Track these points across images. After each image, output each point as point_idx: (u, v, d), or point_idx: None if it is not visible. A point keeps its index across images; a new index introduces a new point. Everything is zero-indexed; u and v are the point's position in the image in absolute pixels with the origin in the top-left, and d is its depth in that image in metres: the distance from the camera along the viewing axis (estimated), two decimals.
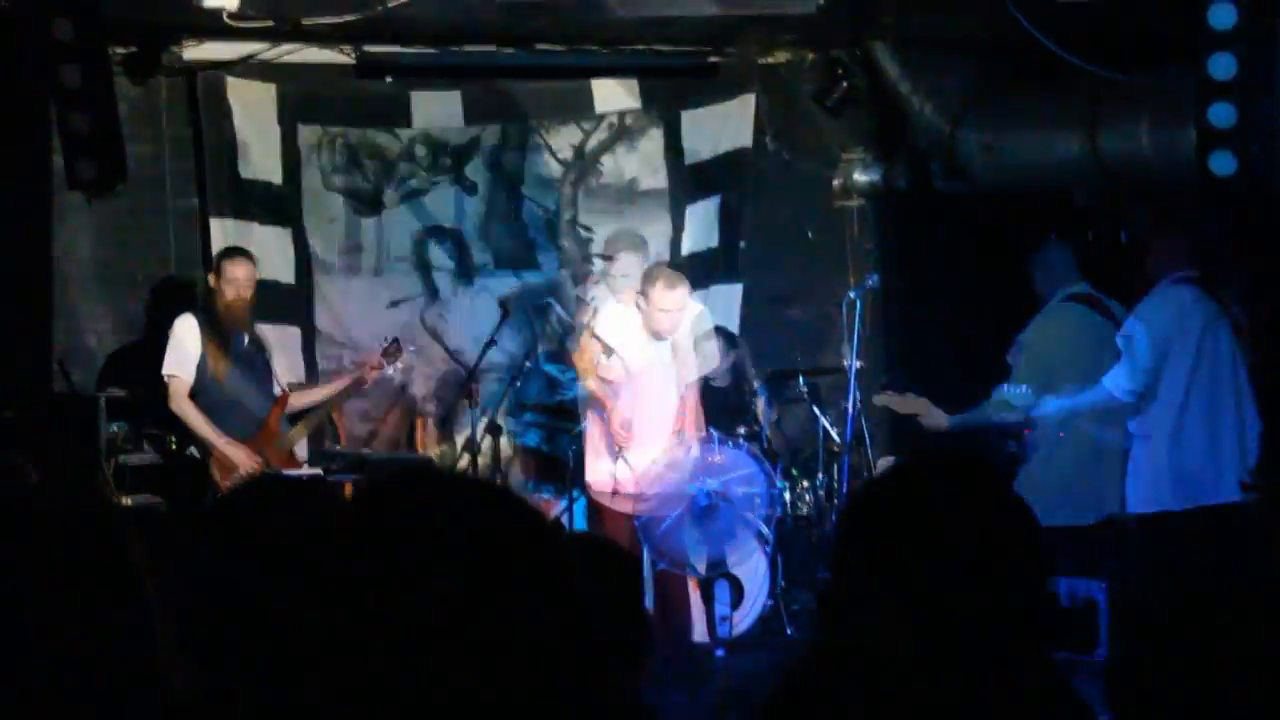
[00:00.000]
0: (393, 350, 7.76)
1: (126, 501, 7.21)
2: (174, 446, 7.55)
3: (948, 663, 1.67)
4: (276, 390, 7.55)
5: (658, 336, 7.10)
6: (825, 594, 1.82)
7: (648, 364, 7.13)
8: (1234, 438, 6.38)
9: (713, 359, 7.49)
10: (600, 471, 7.17)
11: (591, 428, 7.26)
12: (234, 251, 7.62)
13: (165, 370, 7.30)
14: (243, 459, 7.19)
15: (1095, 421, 6.90)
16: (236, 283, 7.33)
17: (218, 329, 7.34)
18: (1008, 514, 1.77)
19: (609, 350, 7.12)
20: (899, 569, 1.71)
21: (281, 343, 8.29)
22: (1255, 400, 6.47)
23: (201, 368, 7.31)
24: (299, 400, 7.68)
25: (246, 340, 7.46)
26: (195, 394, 7.31)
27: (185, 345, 7.30)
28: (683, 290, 7.04)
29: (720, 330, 8.49)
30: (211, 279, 7.47)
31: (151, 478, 7.51)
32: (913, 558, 1.71)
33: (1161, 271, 6.51)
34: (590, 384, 7.25)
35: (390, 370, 7.86)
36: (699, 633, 7.35)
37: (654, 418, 7.13)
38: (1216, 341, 6.43)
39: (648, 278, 7.12)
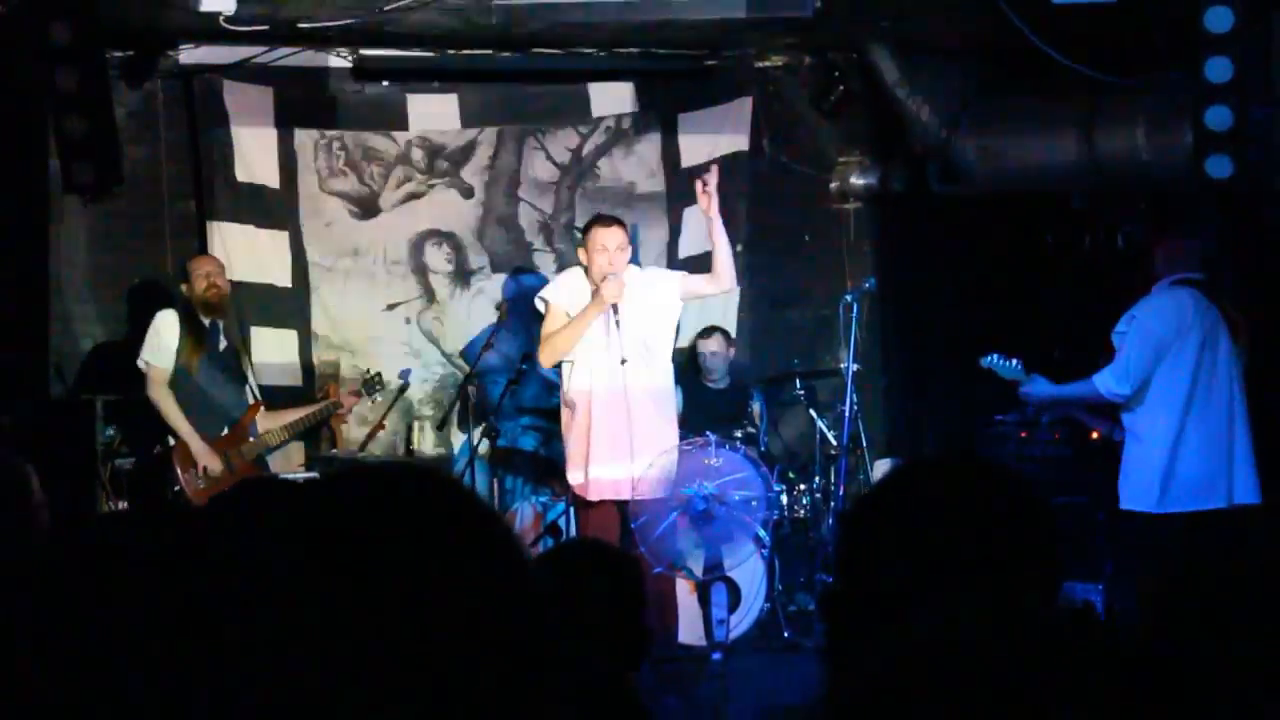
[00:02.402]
0: (369, 386, 7.83)
1: (121, 505, 7.21)
2: (157, 452, 7.57)
3: (953, 664, 1.66)
4: (249, 398, 7.57)
5: (606, 292, 6.87)
6: (825, 595, 1.80)
7: (603, 329, 6.96)
8: (1226, 445, 6.39)
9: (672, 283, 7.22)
10: (574, 476, 7.09)
11: (565, 432, 7.16)
12: (197, 254, 7.85)
13: (142, 358, 7.37)
14: (204, 455, 7.22)
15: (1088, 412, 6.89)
16: (205, 274, 7.45)
17: (195, 323, 7.39)
18: (1019, 515, 1.76)
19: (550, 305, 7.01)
20: (905, 569, 1.71)
21: (279, 346, 8.29)
22: (1247, 405, 6.48)
23: (175, 361, 7.36)
24: (270, 421, 7.67)
25: (224, 344, 7.50)
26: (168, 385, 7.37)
27: (163, 335, 7.40)
28: (619, 228, 6.96)
29: (717, 330, 8.50)
30: (184, 287, 7.52)
31: (136, 482, 7.52)
32: (919, 558, 1.70)
33: (1163, 273, 6.51)
34: (546, 358, 7.13)
35: (369, 403, 7.95)
36: (696, 636, 7.35)
37: (610, 385, 6.97)
38: (1216, 347, 6.43)
39: (585, 226, 7.09)
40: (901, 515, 1.75)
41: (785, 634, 7.74)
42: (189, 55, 8.39)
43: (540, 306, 7.18)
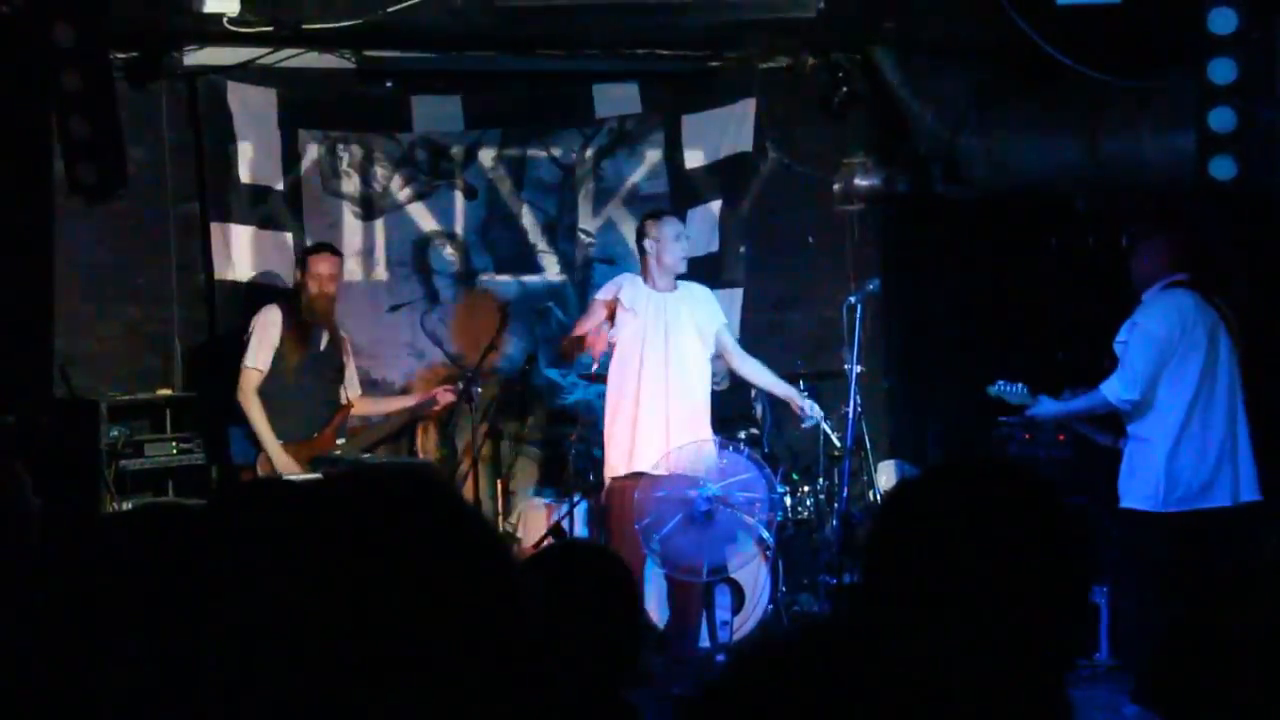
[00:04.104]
0: (464, 389, 7.80)
1: (126, 506, 7.21)
2: (175, 451, 7.56)
3: (968, 668, 1.66)
4: (343, 399, 7.57)
5: (665, 284, 7.19)
6: (837, 591, 1.80)
7: (657, 309, 7.15)
8: (1230, 443, 6.39)
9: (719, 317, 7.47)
10: (615, 461, 7.14)
11: (608, 418, 7.23)
12: (320, 247, 7.80)
13: (245, 361, 7.36)
14: (289, 466, 7.21)
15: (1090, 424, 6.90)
16: (320, 278, 7.47)
17: (300, 323, 7.39)
18: (1051, 522, 1.76)
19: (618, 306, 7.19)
20: (934, 572, 1.70)
21: None
22: (1245, 403, 6.49)
23: (275, 359, 7.37)
24: (369, 407, 7.71)
25: (325, 341, 7.52)
26: (262, 385, 7.36)
27: (266, 336, 7.37)
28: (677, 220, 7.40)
29: None
30: (297, 274, 7.56)
31: (152, 483, 7.53)
32: (948, 561, 1.70)
33: (1154, 277, 6.50)
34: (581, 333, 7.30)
35: (460, 399, 7.91)
36: (700, 638, 7.35)
37: (668, 366, 7.11)
38: (1217, 347, 6.43)
39: (643, 229, 7.31)
40: (932, 516, 1.75)
41: None
42: (193, 57, 8.40)
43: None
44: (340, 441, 7.51)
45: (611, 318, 7.20)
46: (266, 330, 7.40)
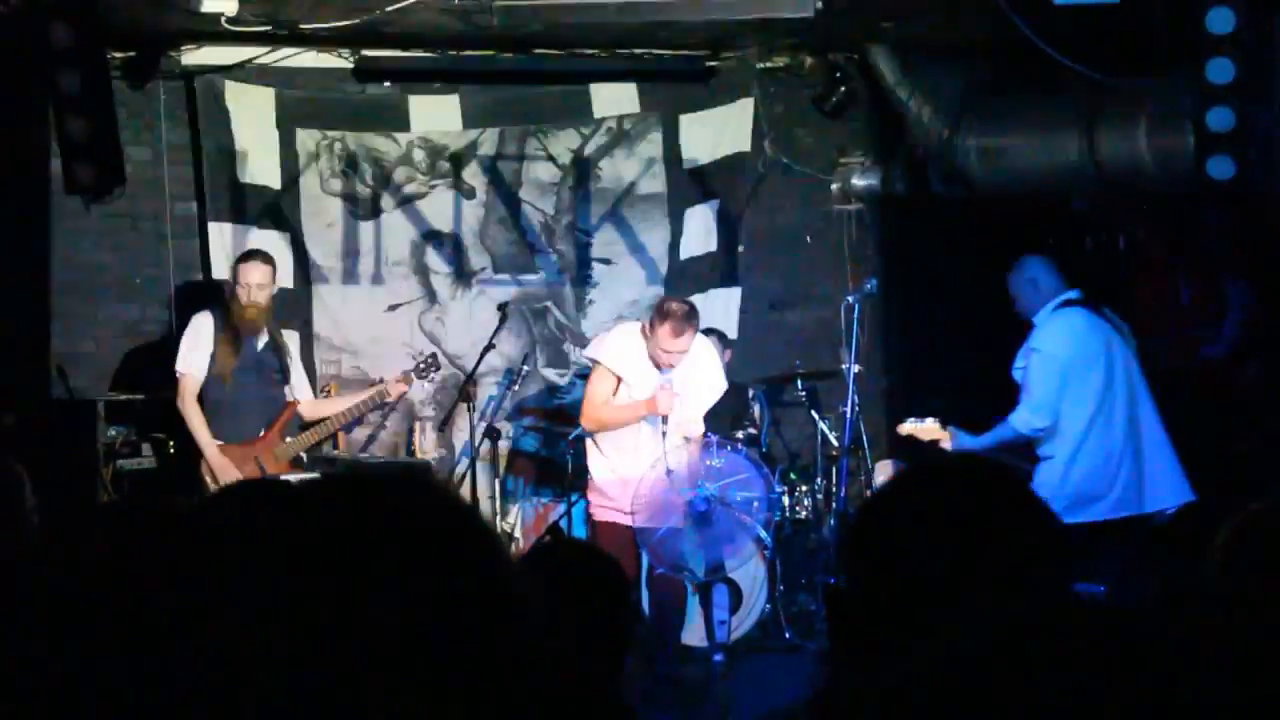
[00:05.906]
0: (424, 368, 7.70)
1: None
2: (173, 452, 7.55)
3: (967, 667, 1.66)
4: (288, 398, 7.53)
5: (660, 404, 6.73)
6: (832, 592, 1.81)
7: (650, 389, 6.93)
8: (1132, 455, 6.40)
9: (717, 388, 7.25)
10: (595, 487, 7.11)
11: (596, 471, 7.14)
12: (249, 255, 7.64)
13: (178, 367, 7.33)
14: (222, 469, 7.17)
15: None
16: (249, 287, 7.37)
17: (232, 330, 7.36)
18: (1028, 517, 1.76)
19: (618, 378, 6.91)
20: (915, 571, 1.71)
21: None
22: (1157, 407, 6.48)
23: (209, 366, 7.34)
24: (317, 410, 7.64)
25: (262, 345, 7.46)
26: (200, 392, 7.33)
27: (198, 343, 7.35)
28: (688, 337, 6.64)
29: (713, 331, 8.47)
30: (229, 282, 7.52)
31: (150, 483, 7.52)
32: (930, 559, 1.70)
33: (1043, 298, 6.54)
34: (588, 424, 7.06)
35: (427, 386, 7.81)
36: (698, 637, 7.35)
37: (650, 445, 7.01)
38: (1113, 362, 6.46)
39: (659, 312, 6.72)
40: (909, 517, 1.75)
41: (787, 635, 7.74)
42: (190, 56, 8.40)
43: (587, 362, 7.12)
44: (288, 440, 7.45)
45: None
46: (197, 336, 7.34)
